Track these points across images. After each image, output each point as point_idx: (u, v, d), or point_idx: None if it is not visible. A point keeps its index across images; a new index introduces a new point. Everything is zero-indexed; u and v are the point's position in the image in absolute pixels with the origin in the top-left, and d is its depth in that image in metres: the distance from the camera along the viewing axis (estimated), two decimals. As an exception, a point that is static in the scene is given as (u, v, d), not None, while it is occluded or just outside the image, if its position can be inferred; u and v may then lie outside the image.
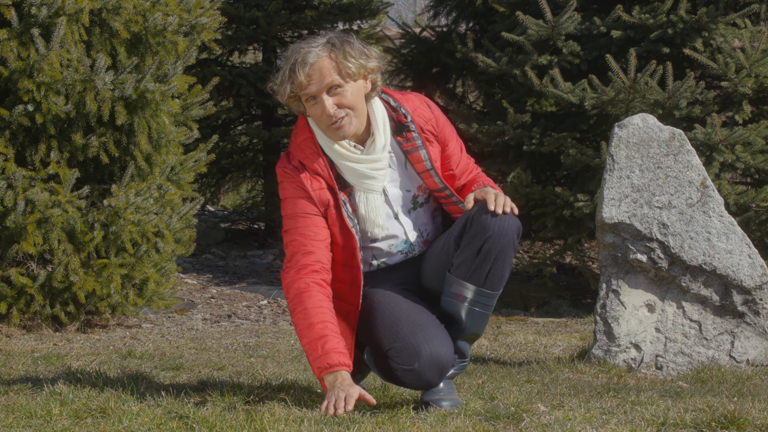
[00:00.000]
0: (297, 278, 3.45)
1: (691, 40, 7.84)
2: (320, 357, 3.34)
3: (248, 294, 8.01)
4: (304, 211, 3.48)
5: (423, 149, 3.56)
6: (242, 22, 9.88)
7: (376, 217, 3.52)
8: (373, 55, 3.49)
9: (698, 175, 4.82)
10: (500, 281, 3.49)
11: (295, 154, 3.52)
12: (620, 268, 4.84)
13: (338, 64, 3.41)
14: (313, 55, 3.41)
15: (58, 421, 3.26)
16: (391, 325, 3.43)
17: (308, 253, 3.46)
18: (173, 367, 4.69)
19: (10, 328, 5.93)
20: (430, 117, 3.61)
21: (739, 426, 3.24)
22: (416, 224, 3.62)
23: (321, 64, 3.41)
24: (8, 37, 5.65)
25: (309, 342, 3.38)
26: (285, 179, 3.52)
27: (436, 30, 9.56)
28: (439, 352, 3.37)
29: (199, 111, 6.56)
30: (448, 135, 3.66)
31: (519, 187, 7.99)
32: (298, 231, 3.47)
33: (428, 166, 3.56)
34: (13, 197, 5.64)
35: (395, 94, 3.61)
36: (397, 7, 20.79)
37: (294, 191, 3.49)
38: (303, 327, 3.40)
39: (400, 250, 3.61)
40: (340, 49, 3.42)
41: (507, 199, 3.46)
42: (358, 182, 3.51)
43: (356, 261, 3.49)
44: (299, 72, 3.40)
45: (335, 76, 3.41)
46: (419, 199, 3.62)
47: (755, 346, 4.84)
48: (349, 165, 3.49)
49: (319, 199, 3.48)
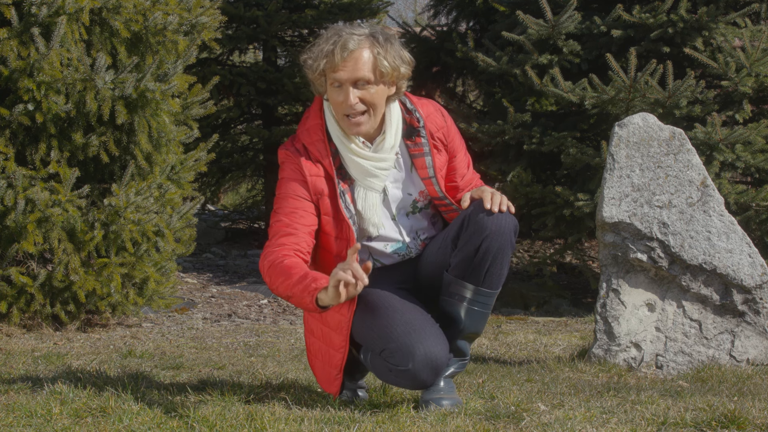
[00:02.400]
0: (272, 252, 3.38)
1: (691, 40, 7.84)
2: (308, 285, 3.23)
3: (248, 293, 8.01)
4: (295, 193, 3.46)
5: (429, 156, 3.55)
6: (242, 21, 9.88)
7: (372, 215, 3.51)
8: (406, 61, 3.47)
9: (698, 175, 4.82)
10: (498, 280, 3.48)
11: (300, 137, 3.52)
12: (620, 267, 4.84)
13: (376, 59, 3.40)
14: (355, 42, 3.39)
15: (59, 421, 3.26)
16: (386, 325, 3.42)
17: (289, 234, 3.41)
18: (173, 366, 4.69)
19: (10, 328, 5.93)
20: (442, 125, 3.60)
21: (739, 425, 3.24)
22: (414, 227, 3.61)
23: (359, 54, 3.39)
24: (8, 36, 5.65)
25: (292, 285, 3.27)
26: (285, 160, 3.51)
27: (437, 29, 9.56)
28: (433, 352, 3.36)
29: (200, 110, 6.56)
30: (457, 146, 3.65)
31: (519, 187, 7.99)
32: (285, 212, 3.45)
33: (431, 173, 3.55)
34: (13, 196, 5.64)
35: (412, 97, 3.60)
36: (397, 6, 20.78)
37: (290, 173, 3.48)
38: (282, 281, 3.30)
39: (396, 252, 3.61)
40: (382, 46, 3.41)
41: (503, 197, 3.45)
42: (361, 178, 3.50)
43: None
44: (337, 54, 3.38)
45: (368, 71, 3.40)
46: (419, 204, 3.61)
47: (755, 346, 4.84)
48: (355, 159, 3.48)
49: (314, 187, 3.46)
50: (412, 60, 3.51)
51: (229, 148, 10.45)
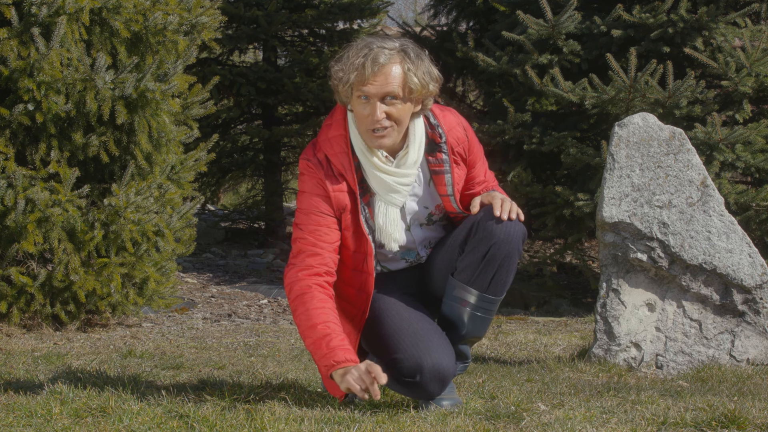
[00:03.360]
0: (299, 279, 3.41)
1: (691, 40, 7.84)
2: (326, 355, 3.31)
3: (248, 293, 8.01)
4: (318, 209, 3.43)
5: (449, 174, 3.51)
6: (242, 21, 9.88)
7: (393, 231, 3.48)
8: (435, 78, 3.43)
9: (698, 175, 4.82)
10: (503, 287, 3.48)
11: (322, 147, 3.46)
12: (620, 267, 4.84)
13: (406, 75, 3.36)
14: (386, 56, 3.35)
15: (59, 420, 3.26)
16: (393, 334, 3.41)
17: (315, 254, 3.42)
18: (173, 366, 4.69)
19: (10, 328, 5.93)
20: (463, 139, 3.56)
21: (739, 425, 3.24)
22: (427, 237, 3.61)
23: (390, 70, 3.35)
24: (8, 36, 5.65)
25: (313, 342, 3.35)
26: (307, 173, 3.46)
27: (437, 29, 9.56)
28: (441, 364, 3.35)
29: (200, 110, 6.56)
30: (476, 157, 3.62)
31: (519, 187, 7.99)
32: (309, 229, 3.43)
33: (449, 191, 3.52)
34: (13, 196, 5.64)
35: (435, 110, 3.54)
36: (397, 6, 20.78)
37: (313, 187, 3.44)
38: (306, 328, 3.37)
39: (405, 259, 3.60)
40: (413, 62, 3.37)
41: (513, 204, 3.43)
42: (383, 192, 3.46)
43: (368, 266, 3.46)
44: (368, 67, 3.33)
45: (397, 87, 3.35)
46: (434, 217, 3.59)
47: (755, 345, 4.84)
48: (378, 174, 3.44)
49: (337, 202, 3.43)
50: (440, 77, 3.46)
51: (229, 148, 10.46)
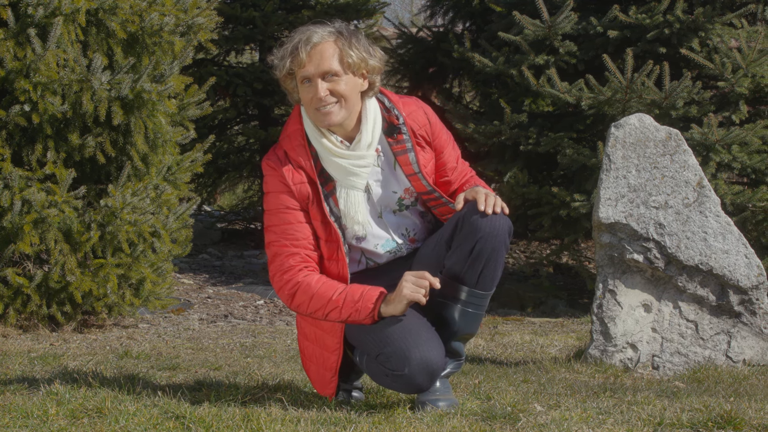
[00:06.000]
0: (287, 280, 3.46)
1: (687, 40, 7.85)
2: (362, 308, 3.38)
3: (245, 294, 8.01)
4: (285, 205, 3.47)
5: (412, 152, 3.54)
6: (239, 22, 9.88)
7: (355, 213, 3.51)
8: (376, 55, 3.49)
9: (695, 175, 4.83)
10: (492, 281, 3.48)
11: (282, 144, 3.53)
12: (617, 268, 4.85)
13: (341, 51, 3.41)
14: (318, 36, 3.42)
15: (55, 421, 3.26)
16: (382, 329, 3.41)
17: (292, 254, 3.46)
18: (170, 367, 4.69)
19: (6, 328, 5.93)
20: (424, 123, 3.59)
21: (735, 426, 3.25)
22: (401, 224, 3.61)
23: (324, 47, 3.41)
24: (5, 37, 5.65)
25: (341, 307, 3.40)
26: (269, 173, 3.52)
27: (433, 30, 9.56)
28: (429, 356, 3.35)
29: (196, 111, 6.56)
30: (443, 142, 3.64)
31: (515, 187, 7.99)
32: (280, 230, 3.48)
33: (416, 169, 3.54)
34: (9, 197, 5.64)
35: (393, 96, 3.60)
36: (394, 7, 20.75)
37: (276, 185, 3.49)
38: (323, 305, 3.42)
39: (388, 250, 3.60)
40: (346, 39, 3.43)
41: (497, 198, 3.45)
42: (342, 177, 3.50)
43: (341, 254, 3.48)
44: (301, 49, 3.40)
45: (335, 62, 3.41)
46: (405, 201, 3.60)
47: (752, 346, 4.84)
48: (334, 159, 3.48)
49: (299, 194, 3.47)
50: (383, 55, 3.53)
51: (226, 149, 10.45)
